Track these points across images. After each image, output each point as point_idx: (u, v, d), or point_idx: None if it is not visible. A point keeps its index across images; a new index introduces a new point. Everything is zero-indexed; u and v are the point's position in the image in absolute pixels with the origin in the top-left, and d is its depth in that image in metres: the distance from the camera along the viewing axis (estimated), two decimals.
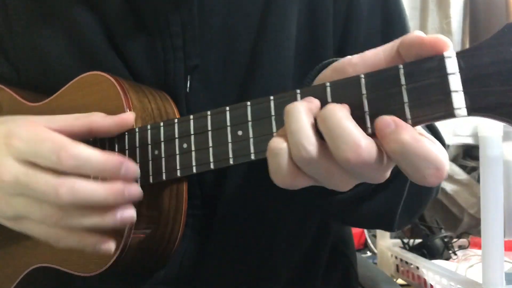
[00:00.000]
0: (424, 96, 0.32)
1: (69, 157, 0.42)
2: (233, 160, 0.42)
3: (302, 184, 0.36)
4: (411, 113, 0.33)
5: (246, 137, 0.41)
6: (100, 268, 0.49)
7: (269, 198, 0.58)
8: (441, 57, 0.32)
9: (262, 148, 0.39)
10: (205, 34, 0.57)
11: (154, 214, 0.51)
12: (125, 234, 0.48)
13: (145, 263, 0.54)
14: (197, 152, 0.44)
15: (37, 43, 0.59)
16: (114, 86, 0.51)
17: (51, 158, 0.42)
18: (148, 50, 0.57)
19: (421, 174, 0.32)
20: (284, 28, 0.57)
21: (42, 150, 0.42)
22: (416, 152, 0.31)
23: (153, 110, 0.52)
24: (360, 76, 0.35)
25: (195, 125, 0.44)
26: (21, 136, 0.44)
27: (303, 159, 0.34)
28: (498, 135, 0.75)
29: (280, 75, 0.57)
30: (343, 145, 0.32)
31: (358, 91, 0.35)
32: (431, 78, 0.32)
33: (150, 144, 0.47)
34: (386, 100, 0.33)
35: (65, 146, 0.42)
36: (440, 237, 1.17)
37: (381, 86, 0.34)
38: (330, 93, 0.36)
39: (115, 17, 0.58)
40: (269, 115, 0.39)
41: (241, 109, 0.41)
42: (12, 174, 0.43)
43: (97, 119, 0.48)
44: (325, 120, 0.34)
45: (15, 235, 0.56)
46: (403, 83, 0.33)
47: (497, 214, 0.75)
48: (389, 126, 0.32)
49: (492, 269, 0.75)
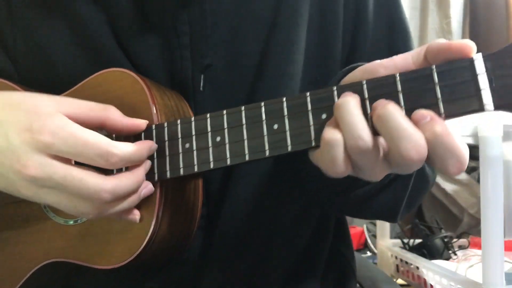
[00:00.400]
0: (456, 93, 0.36)
1: (118, 160, 0.44)
2: (269, 152, 0.43)
3: (346, 173, 0.39)
4: (445, 108, 0.36)
5: (283, 130, 0.43)
6: (124, 260, 0.50)
7: (270, 198, 0.59)
8: (470, 59, 0.36)
9: (299, 141, 0.42)
10: (213, 34, 0.57)
11: (177, 209, 0.52)
12: (152, 226, 0.49)
13: (163, 257, 0.55)
14: (231, 144, 0.45)
15: (40, 40, 0.59)
16: (138, 82, 0.52)
17: (99, 161, 0.44)
18: (155, 49, 0.57)
19: (445, 163, 0.35)
20: (294, 31, 0.57)
21: (88, 152, 0.43)
22: (445, 143, 0.35)
23: (172, 107, 0.54)
24: (395, 75, 0.38)
25: (228, 120, 0.46)
26: (55, 132, 0.43)
27: (360, 149, 0.36)
28: (498, 135, 0.75)
29: (289, 77, 0.57)
30: (407, 144, 0.35)
31: (394, 88, 0.38)
32: (462, 77, 0.36)
33: (181, 138, 0.48)
34: (420, 97, 0.37)
35: (111, 150, 0.44)
36: (440, 237, 1.17)
37: (416, 84, 0.37)
38: (366, 90, 0.39)
39: (122, 15, 0.57)
40: (306, 109, 0.42)
41: (277, 104, 0.43)
42: (45, 170, 0.43)
43: (113, 117, 0.48)
44: (386, 121, 0.36)
45: (28, 230, 0.56)
46: (436, 81, 0.36)
47: (497, 214, 0.75)
48: (425, 118, 0.35)
49: (492, 269, 0.75)
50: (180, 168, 0.48)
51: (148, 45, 0.57)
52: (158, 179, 0.49)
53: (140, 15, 0.57)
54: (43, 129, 0.43)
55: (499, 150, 0.75)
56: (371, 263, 1.10)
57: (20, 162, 0.43)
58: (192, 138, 0.48)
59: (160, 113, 0.51)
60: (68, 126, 0.44)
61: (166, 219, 0.51)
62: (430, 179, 0.59)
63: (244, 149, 0.44)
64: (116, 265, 0.50)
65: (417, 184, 0.56)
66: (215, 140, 0.46)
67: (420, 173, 0.56)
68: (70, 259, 0.53)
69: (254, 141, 0.44)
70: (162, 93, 0.54)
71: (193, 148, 0.48)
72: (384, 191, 0.53)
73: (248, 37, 0.58)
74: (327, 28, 0.59)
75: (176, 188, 0.52)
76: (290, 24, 0.57)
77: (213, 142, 0.46)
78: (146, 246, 0.49)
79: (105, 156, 0.44)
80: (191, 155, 0.48)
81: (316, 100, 0.41)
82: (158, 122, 0.51)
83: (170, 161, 0.49)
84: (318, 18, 0.59)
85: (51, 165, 0.43)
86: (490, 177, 0.75)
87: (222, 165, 0.46)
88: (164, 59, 0.57)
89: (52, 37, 0.59)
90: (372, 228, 1.54)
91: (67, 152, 0.43)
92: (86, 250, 0.52)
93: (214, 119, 0.47)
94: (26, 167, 0.43)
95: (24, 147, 0.43)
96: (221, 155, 0.46)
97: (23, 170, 0.43)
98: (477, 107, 0.35)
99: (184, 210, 0.54)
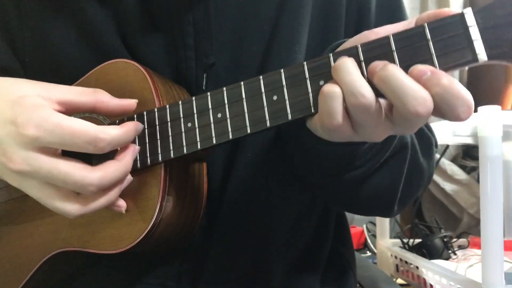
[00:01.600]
0: (449, 46, 0.37)
1: (106, 144, 0.44)
2: (269, 122, 0.44)
3: (345, 131, 0.40)
4: (439, 62, 0.37)
5: (282, 100, 0.43)
6: (130, 243, 0.50)
7: (270, 194, 0.59)
8: (461, 14, 0.37)
9: (298, 108, 0.43)
10: (218, 34, 0.58)
11: (182, 191, 0.53)
12: (157, 208, 0.49)
13: (169, 243, 0.55)
14: (232, 119, 0.46)
15: (48, 38, 0.60)
16: (140, 70, 0.53)
17: (88, 147, 0.44)
18: (160, 49, 0.58)
19: (456, 112, 0.36)
20: (296, 32, 0.58)
21: (75, 141, 0.43)
22: (454, 93, 0.36)
23: (174, 95, 0.55)
24: (389, 36, 0.39)
25: (228, 95, 0.47)
26: (39, 125, 0.43)
27: (362, 105, 0.37)
28: (498, 135, 0.75)
29: None
30: (413, 101, 0.36)
31: (388, 48, 0.39)
32: (454, 31, 0.37)
33: (183, 118, 0.49)
34: (415, 54, 0.38)
35: (98, 135, 0.44)
36: (440, 237, 1.17)
37: (410, 42, 0.38)
38: (361, 52, 0.39)
39: (128, 14, 0.58)
40: (304, 77, 0.42)
41: (275, 75, 0.44)
42: (31, 165, 0.43)
43: (103, 99, 0.48)
44: (389, 81, 0.37)
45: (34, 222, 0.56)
46: (429, 37, 0.37)
47: (497, 214, 0.75)
48: (425, 73, 0.36)
49: (492, 269, 0.75)
50: (183, 147, 0.49)
51: (154, 44, 0.58)
52: (162, 160, 0.50)
53: (146, 15, 0.58)
54: (28, 123, 0.43)
55: (499, 150, 0.75)
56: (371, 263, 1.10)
57: (6, 155, 0.44)
58: (194, 117, 0.48)
59: (162, 98, 0.52)
60: (53, 117, 0.44)
61: (172, 201, 0.51)
62: (425, 172, 0.59)
63: (246, 122, 0.45)
64: (124, 249, 0.50)
65: (411, 176, 0.56)
66: (217, 116, 0.47)
67: (414, 164, 0.56)
68: (77, 248, 0.53)
69: (255, 114, 0.45)
70: (164, 82, 0.55)
71: (195, 126, 0.48)
72: (378, 174, 0.53)
73: (251, 37, 0.58)
74: (329, 29, 0.60)
75: (180, 170, 0.53)
76: (292, 24, 0.58)
77: (215, 118, 0.47)
78: (152, 228, 0.49)
79: (93, 142, 0.44)
80: (194, 133, 0.48)
81: (314, 68, 0.42)
82: (159, 106, 0.51)
83: (173, 141, 0.50)
84: (320, 19, 0.60)
85: (36, 159, 0.43)
86: (489, 177, 0.75)
87: (224, 140, 0.47)
88: (169, 58, 0.58)
89: (59, 36, 0.59)
90: (372, 227, 1.54)
91: (55, 143, 0.43)
92: (92, 237, 0.52)
93: (214, 96, 0.47)
94: (11, 161, 0.43)
95: (9, 141, 0.43)
96: (223, 130, 0.46)
97: (9, 163, 0.44)
98: (471, 57, 0.36)
99: (189, 192, 0.54)
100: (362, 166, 0.51)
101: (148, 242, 0.50)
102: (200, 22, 0.57)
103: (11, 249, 0.58)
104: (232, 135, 0.46)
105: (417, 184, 0.60)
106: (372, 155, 0.51)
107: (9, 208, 0.59)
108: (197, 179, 0.56)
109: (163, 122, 0.50)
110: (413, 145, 0.56)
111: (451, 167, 1.54)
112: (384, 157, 0.52)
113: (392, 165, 0.54)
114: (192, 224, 0.56)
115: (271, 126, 0.44)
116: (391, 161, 0.54)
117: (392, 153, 0.52)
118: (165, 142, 0.50)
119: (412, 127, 0.39)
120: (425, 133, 0.61)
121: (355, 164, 0.51)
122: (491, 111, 0.75)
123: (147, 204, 0.50)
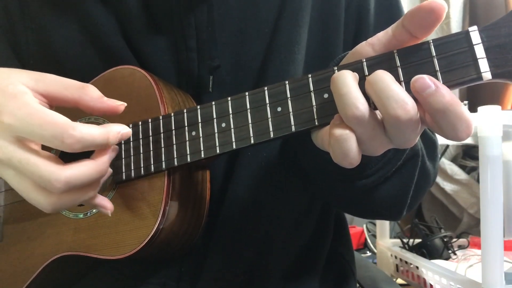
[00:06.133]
0: (454, 63, 0.37)
1: (74, 142, 0.41)
2: (273, 133, 0.44)
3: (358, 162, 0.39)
4: (443, 79, 0.37)
5: (286, 112, 0.43)
6: (133, 249, 0.50)
7: (270, 195, 0.59)
8: (466, 31, 0.37)
9: (302, 120, 0.43)
10: (220, 37, 0.58)
11: (185, 197, 0.53)
12: (160, 214, 0.50)
13: (172, 248, 0.55)
14: (236, 129, 0.46)
15: (51, 39, 0.60)
16: (146, 77, 0.54)
17: (54, 142, 0.41)
18: (163, 50, 0.58)
19: (456, 131, 0.36)
20: (296, 32, 0.58)
21: (43, 133, 0.41)
22: (455, 111, 0.35)
23: (179, 102, 0.55)
24: (393, 51, 0.39)
25: (233, 105, 0.47)
26: (13, 113, 0.42)
27: (355, 117, 0.37)
28: (497, 135, 0.75)
29: (290, 77, 0.58)
30: (393, 103, 0.36)
31: (393, 63, 0.39)
32: (459, 48, 0.37)
33: (187, 126, 0.49)
34: (419, 69, 0.38)
35: (67, 130, 0.41)
36: (440, 237, 1.17)
37: (414, 58, 0.38)
38: (366, 67, 0.40)
39: (131, 16, 0.58)
40: (308, 90, 0.42)
41: (279, 87, 0.44)
42: (4, 152, 0.42)
43: (86, 97, 0.45)
44: (374, 83, 0.37)
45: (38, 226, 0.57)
46: (434, 54, 0.38)
47: (497, 214, 0.75)
48: (430, 87, 0.35)
49: (492, 269, 0.75)
50: (187, 155, 0.49)
51: (157, 46, 0.58)
52: (166, 168, 0.50)
53: (149, 17, 0.58)
54: (4, 110, 0.42)
55: (499, 150, 0.75)
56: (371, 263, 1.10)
57: None
58: (198, 125, 0.49)
59: (167, 106, 0.52)
60: (28, 107, 0.42)
61: (175, 207, 0.52)
62: (431, 175, 0.59)
63: (250, 133, 0.45)
64: (126, 255, 0.50)
65: (419, 180, 0.56)
66: (221, 126, 0.47)
67: (422, 168, 0.56)
68: (80, 252, 0.53)
69: (259, 125, 0.45)
70: (169, 89, 0.55)
71: (200, 135, 0.48)
72: (389, 182, 0.53)
73: (253, 39, 0.59)
74: (328, 29, 0.60)
75: (184, 177, 0.53)
76: (292, 25, 0.58)
77: (219, 128, 0.47)
78: (155, 234, 0.50)
79: (60, 136, 0.41)
80: (198, 142, 0.48)
81: (318, 81, 0.42)
82: (164, 113, 0.52)
83: (177, 149, 0.50)
84: (319, 20, 0.60)
85: (8, 147, 0.42)
86: (489, 177, 0.75)
87: (228, 150, 0.47)
88: (172, 60, 0.58)
89: (63, 37, 0.59)
90: (372, 228, 1.54)
91: (25, 132, 0.42)
92: (95, 242, 0.53)
93: (219, 106, 0.48)
94: None
95: None
96: (227, 140, 0.46)
97: None
98: (475, 75, 0.36)
99: (192, 199, 0.54)
100: (373, 175, 0.51)
101: (150, 248, 0.51)
102: (202, 24, 0.57)
103: (15, 251, 0.58)
104: (235, 145, 0.46)
105: (424, 187, 0.60)
106: (384, 164, 0.50)
107: (14, 211, 0.59)
108: (200, 186, 0.56)
109: (167, 130, 0.50)
110: (421, 150, 0.56)
111: (451, 167, 1.54)
112: (396, 166, 0.51)
113: (403, 172, 0.54)
114: (194, 230, 0.56)
115: (274, 137, 0.44)
116: (402, 168, 0.53)
117: (404, 161, 0.52)
118: (169, 150, 0.50)
119: (404, 138, 0.38)
120: (429, 135, 0.61)
121: (366, 173, 0.50)
122: (491, 111, 0.75)
123: (150, 211, 0.50)
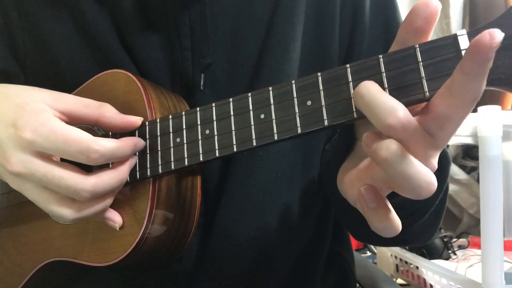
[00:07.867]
0: (440, 70, 0.35)
1: (99, 156, 0.44)
2: (256, 141, 0.43)
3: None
4: (428, 86, 0.36)
5: (269, 119, 0.43)
6: (118, 257, 0.50)
7: (267, 194, 0.59)
8: (454, 36, 0.35)
9: (285, 128, 0.42)
10: (214, 35, 0.58)
11: (172, 205, 0.53)
12: (144, 223, 0.50)
13: (159, 256, 0.55)
14: (220, 136, 0.46)
15: (47, 38, 0.60)
16: (134, 82, 0.54)
17: (80, 157, 0.44)
18: (157, 49, 0.58)
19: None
20: (291, 30, 0.58)
21: (68, 150, 0.44)
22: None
23: (170, 107, 0.55)
24: (378, 56, 0.38)
25: (217, 112, 0.46)
26: (36, 129, 0.44)
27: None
28: (497, 135, 0.75)
29: (285, 75, 0.58)
30: (383, 112, 0.34)
31: (377, 70, 0.37)
32: (447, 54, 0.35)
33: (172, 132, 0.49)
34: (404, 77, 0.36)
35: (92, 146, 0.44)
36: (440, 237, 1.17)
37: (399, 64, 0.37)
38: (350, 74, 0.39)
39: (125, 15, 0.58)
40: (292, 97, 0.41)
41: (263, 93, 0.43)
42: (27, 167, 0.44)
43: (107, 114, 0.49)
44: (362, 96, 0.35)
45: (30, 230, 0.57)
46: (420, 60, 0.36)
47: (497, 214, 0.75)
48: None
49: (492, 269, 0.75)
50: (171, 162, 0.49)
51: (151, 45, 0.58)
52: (151, 175, 0.50)
53: (143, 16, 0.58)
54: (26, 127, 0.44)
55: (499, 150, 0.75)
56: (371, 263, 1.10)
57: (5, 157, 0.44)
58: (182, 132, 0.48)
59: (154, 111, 0.52)
60: (50, 124, 0.44)
61: (160, 215, 0.51)
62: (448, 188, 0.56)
63: (232, 140, 0.45)
64: (111, 262, 0.50)
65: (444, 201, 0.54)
66: (205, 132, 0.47)
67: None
68: (68, 258, 0.53)
69: (242, 132, 0.44)
70: (159, 93, 0.55)
71: (184, 142, 0.48)
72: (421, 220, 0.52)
73: (247, 37, 0.58)
74: (323, 28, 0.60)
75: (171, 184, 0.53)
76: (286, 23, 0.58)
77: (203, 134, 0.47)
78: (139, 242, 0.50)
79: (86, 152, 0.44)
80: (182, 149, 0.48)
81: (302, 87, 0.41)
82: (151, 119, 0.51)
83: (162, 156, 0.49)
84: (314, 18, 0.60)
85: (32, 162, 0.44)
86: (489, 177, 0.75)
87: (211, 157, 0.46)
88: (166, 59, 0.58)
89: (58, 36, 0.60)
90: None
91: (49, 149, 0.44)
92: (82, 248, 0.53)
93: (203, 112, 0.47)
94: (9, 163, 0.44)
95: (9, 143, 0.44)
96: (210, 147, 0.46)
97: (7, 165, 0.44)
98: None
99: (181, 207, 0.54)
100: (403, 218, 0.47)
101: (136, 255, 0.50)
102: (196, 23, 0.57)
103: (6, 256, 0.58)
104: (219, 153, 0.45)
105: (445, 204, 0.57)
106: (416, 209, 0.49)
107: (7, 215, 0.59)
108: (190, 193, 0.55)
109: (153, 136, 0.50)
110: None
111: (451, 167, 1.54)
112: (429, 211, 0.50)
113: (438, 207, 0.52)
114: (184, 238, 0.56)
115: (257, 145, 0.43)
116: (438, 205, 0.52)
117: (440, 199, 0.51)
118: (154, 157, 0.50)
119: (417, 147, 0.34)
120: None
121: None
122: (491, 111, 0.75)
123: (135, 219, 0.50)
